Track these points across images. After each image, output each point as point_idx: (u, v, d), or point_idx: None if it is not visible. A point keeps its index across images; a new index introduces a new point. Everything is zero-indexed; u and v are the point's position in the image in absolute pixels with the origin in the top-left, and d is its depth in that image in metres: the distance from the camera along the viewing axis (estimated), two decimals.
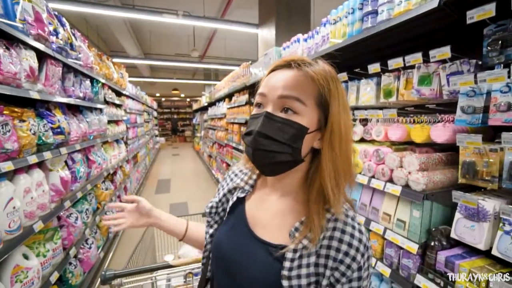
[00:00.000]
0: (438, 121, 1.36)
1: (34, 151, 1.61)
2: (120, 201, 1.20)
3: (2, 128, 1.32)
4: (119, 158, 3.73)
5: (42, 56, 1.80)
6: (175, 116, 19.00)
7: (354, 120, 1.84)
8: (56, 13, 2.13)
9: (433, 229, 1.24)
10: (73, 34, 2.43)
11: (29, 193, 1.53)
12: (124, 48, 8.40)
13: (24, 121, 1.52)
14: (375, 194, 1.57)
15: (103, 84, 3.25)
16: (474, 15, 0.99)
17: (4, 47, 1.38)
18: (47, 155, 1.72)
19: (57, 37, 2.01)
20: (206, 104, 8.95)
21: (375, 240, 1.52)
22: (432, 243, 1.22)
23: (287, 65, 0.60)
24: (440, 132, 1.27)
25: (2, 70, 1.33)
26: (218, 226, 0.73)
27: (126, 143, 4.51)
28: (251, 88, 4.01)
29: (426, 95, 1.33)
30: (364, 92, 1.72)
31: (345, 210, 0.60)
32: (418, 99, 1.40)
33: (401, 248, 1.37)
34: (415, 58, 1.29)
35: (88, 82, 2.71)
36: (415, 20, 1.21)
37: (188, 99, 18.95)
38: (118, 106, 4.18)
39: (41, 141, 1.69)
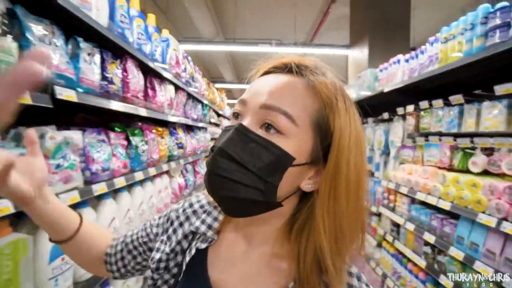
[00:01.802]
0: None
1: (165, 161, 2.08)
2: None
3: (152, 142, 1.78)
4: None
5: (176, 88, 2.35)
6: None
7: (473, 148, 1.62)
8: (186, 54, 2.74)
9: None
10: (194, 68, 3.05)
11: (160, 193, 1.97)
12: (222, 74, 9.69)
13: (163, 138, 2.00)
14: (509, 242, 1.32)
15: (209, 107, 3.88)
16: None
17: (159, 84, 1.89)
18: (172, 164, 2.18)
19: (185, 72, 2.57)
20: None
21: None
22: None
23: (284, 68, 0.44)
24: None
25: (157, 101, 1.82)
26: None
27: None
28: None
29: None
30: (489, 116, 1.51)
31: (347, 267, 0.43)
32: None
33: None
34: None
35: (199, 106, 3.30)
36: None
37: None
38: (217, 125, 4.86)
39: (170, 153, 2.17)
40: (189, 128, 3.14)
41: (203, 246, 0.47)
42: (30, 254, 0.86)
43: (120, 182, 1.38)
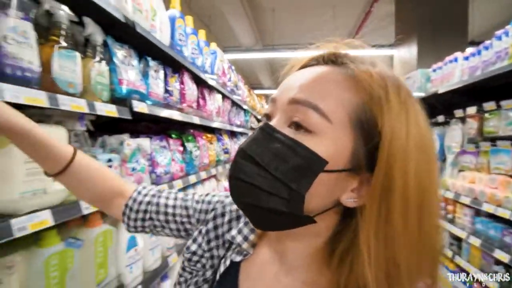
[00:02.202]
0: None
1: (214, 165, 2.22)
2: None
3: (203, 148, 1.93)
4: None
5: (222, 97, 2.50)
6: None
7: None
8: (230, 64, 2.89)
9: None
10: (237, 77, 3.20)
11: None
12: (260, 81, 9.89)
13: (212, 143, 2.14)
14: None
15: (250, 114, 4.01)
16: None
17: (208, 94, 2.04)
18: (219, 169, 2.32)
19: (230, 82, 2.72)
20: None
21: None
22: None
23: (321, 59, 0.38)
24: None
25: (207, 109, 1.96)
26: None
27: None
28: None
29: None
30: None
31: None
32: None
33: None
34: None
35: (242, 112, 3.44)
36: None
37: None
38: None
39: (218, 158, 2.30)
40: (232, 134, 3.29)
41: (238, 259, 0.42)
42: (114, 243, 1.01)
43: (178, 184, 1.52)
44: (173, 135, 1.67)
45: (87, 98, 0.86)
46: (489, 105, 1.80)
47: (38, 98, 0.65)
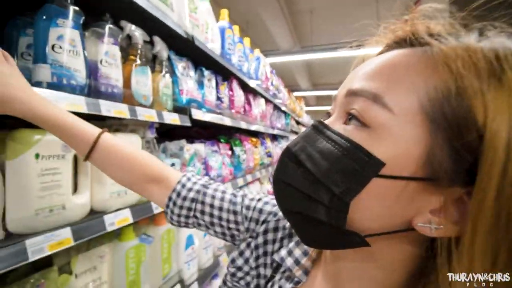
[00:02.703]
0: None
1: (258, 168, 2.26)
2: None
3: (249, 152, 1.98)
4: None
5: (265, 101, 2.54)
6: None
7: None
8: (272, 68, 2.93)
9: None
10: (278, 81, 3.23)
11: None
12: (298, 82, 9.80)
13: (256, 147, 2.19)
14: None
15: (291, 117, 4.00)
16: None
17: (253, 99, 2.10)
18: (263, 172, 2.36)
19: (272, 86, 2.76)
20: None
21: None
22: None
23: (401, 42, 0.29)
24: None
25: (252, 114, 2.02)
26: None
27: None
28: None
29: None
30: None
31: None
32: None
33: None
34: None
35: (283, 116, 3.45)
36: None
37: None
38: (296, 133, 4.94)
39: (261, 162, 2.35)
40: (273, 138, 3.32)
41: (288, 286, 0.36)
42: (176, 241, 1.10)
43: (227, 187, 1.59)
44: (222, 140, 1.75)
45: (156, 108, 0.95)
46: None
47: (122, 110, 0.75)
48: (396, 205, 0.25)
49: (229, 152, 1.74)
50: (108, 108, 0.69)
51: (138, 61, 0.87)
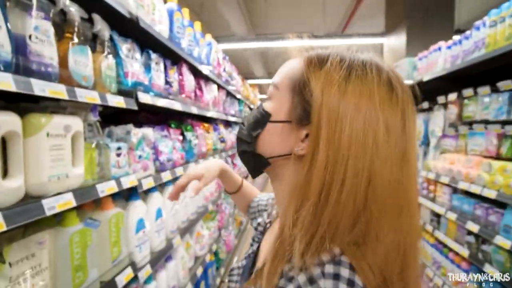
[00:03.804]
0: None
1: (211, 154, 2.30)
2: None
3: (201, 137, 2.00)
4: None
5: (217, 87, 2.55)
6: None
7: None
8: (224, 54, 2.93)
9: None
10: (231, 68, 3.24)
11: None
12: (253, 70, 9.85)
13: (209, 133, 2.22)
14: None
15: (244, 103, 4.07)
16: None
17: (205, 85, 2.10)
18: (216, 157, 2.40)
19: (225, 72, 2.77)
20: None
21: None
22: None
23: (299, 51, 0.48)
24: None
25: (204, 99, 2.03)
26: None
27: None
28: None
29: None
30: None
31: (319, 266, 0.34)
32: None
33: None
34: None
35: (236, 102, 3.49)
36: None
37: None
38: None
39: (214, 147, 2.38)
40: (227, 124, 3.36)
41: (265, 217, 0.64)
42: (125, 225, 1.10)
43: (179, 171, 1.60)
44: (173, 125, 1.74)
45: (98, 90, 0.92)
46: (468, 92, 1.92)
47: (59, 91, 0.72)
48: (281, 138, 0.44)
49: (180, 137, 1.74)
50: (42, 88, 0.66)
51: (76, 40, 0.83)
